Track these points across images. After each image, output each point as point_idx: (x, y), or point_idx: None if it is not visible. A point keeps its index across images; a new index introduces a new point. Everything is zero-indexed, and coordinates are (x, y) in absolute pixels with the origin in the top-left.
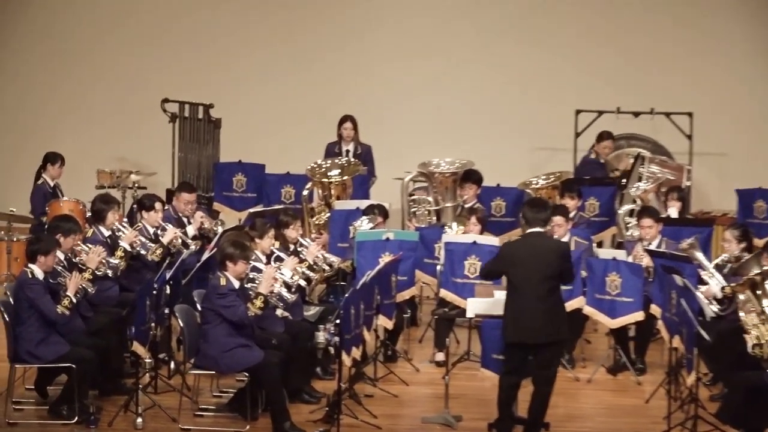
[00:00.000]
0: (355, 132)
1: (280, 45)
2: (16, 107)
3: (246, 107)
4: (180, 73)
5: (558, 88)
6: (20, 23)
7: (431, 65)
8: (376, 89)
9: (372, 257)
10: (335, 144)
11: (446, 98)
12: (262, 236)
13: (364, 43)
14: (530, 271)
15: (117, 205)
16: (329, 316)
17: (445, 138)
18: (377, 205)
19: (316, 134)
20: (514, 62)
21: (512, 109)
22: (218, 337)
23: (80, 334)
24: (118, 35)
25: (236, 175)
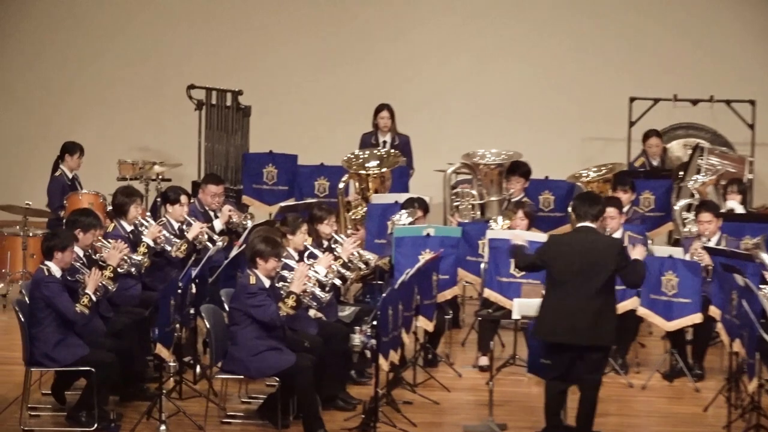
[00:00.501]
0: (392, 122)
1: (314, 29)
2: (34, 96)
3: (277, 94)
4: (207, 57)
5: (611, 75)
6: (38, 7)
7: (475, 50)
8: (416, 76)
9: (411, 254)
10: (371, 135)
11: (491, 85)
12: (294, 232)
13: (404, 28)
14: (576, 267)
15: (140, 198)
16: (365, 317)
17: (491, 128)
18: (417, 199)
19: (352, 123)
20: (564, 48)
21: (562, 96)
22: (247, 340)
23: (100, 336)
24: (140, 18)
25: (266, 167)
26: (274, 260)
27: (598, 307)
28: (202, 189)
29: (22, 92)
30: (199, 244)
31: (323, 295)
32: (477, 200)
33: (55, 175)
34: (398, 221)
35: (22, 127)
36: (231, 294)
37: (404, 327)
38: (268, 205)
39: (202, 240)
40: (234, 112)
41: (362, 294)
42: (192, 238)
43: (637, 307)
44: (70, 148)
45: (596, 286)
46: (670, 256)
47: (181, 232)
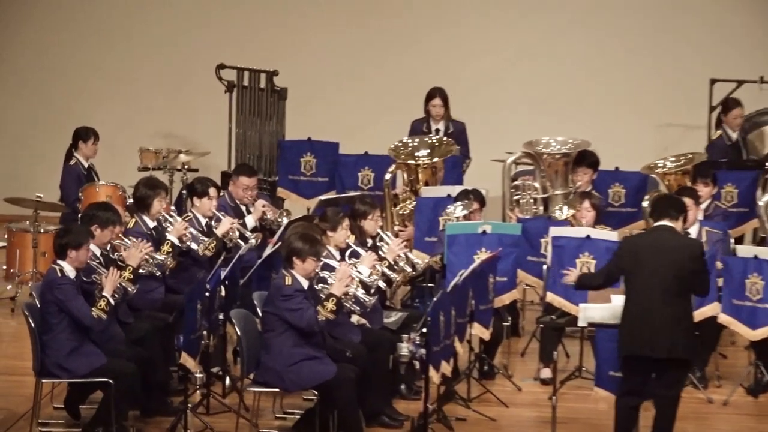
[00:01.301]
0: (445, 109)
1: (358, 3)
2: (48, 79)
3: (317, 74)
4: (239, 33)
5: (690, 54)
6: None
7: (538, 28)
8: (472, 56)
9: (465, 254)
10: (422, 122)
11: (556, 66)
12: (335, 228)
13: (457, 4)
14: (655, 271)
15: (164, 190)
16: (414, 324)
17: (555, 113)
18: (473, 190)
19: (400, 108)
20: (637, 25)
21: (635, 79)
22: (282, 348)
23: (119, 344)
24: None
25: (304, 156)
26: (312, 260)
27: (678, 314)
28: (233, 181)
29: (35, 75)
30: (230, 242)
31: (367, 298)
32: (539, 194)
33: (69, 165)
34: (452, 213)
35: (34, 113)
36: (264, 297)
37: (457, 335)
38: (306, 199)
39: (233, 237)
40: (268, 94)
41: (410, 298)
42: (221, 236)
43: (718, 313)
44: (83, 133)
45: (675, 291)
46: (756, 257)
47: (209, 229)
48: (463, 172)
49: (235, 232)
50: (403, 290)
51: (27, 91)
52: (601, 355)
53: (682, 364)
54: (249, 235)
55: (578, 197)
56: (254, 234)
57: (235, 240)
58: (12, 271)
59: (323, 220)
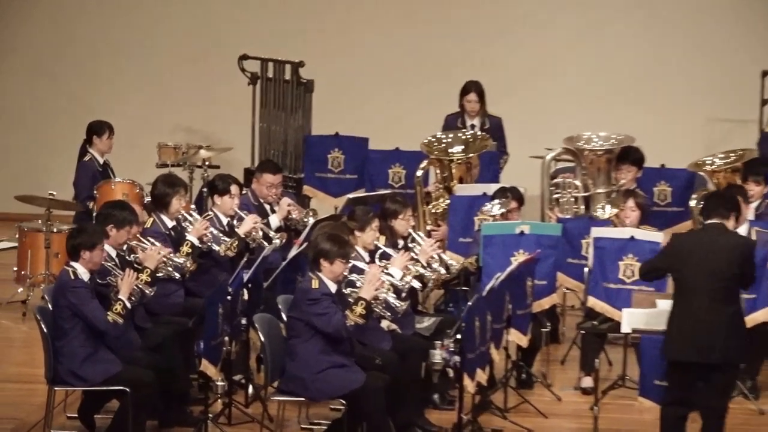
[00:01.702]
0: (481, 105)
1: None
2: (61, 71)
3: (345, 66)
4: (262, 22)
5: (740, 45)
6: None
7: (579, 17)
8: (508, 48)
9: (502, 255)
10: (456, 116)
11: (599, 58)
12: (364, 228)
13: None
14: (705, 272)
15: (183, 188)
16: (448, 330)
17: (598, 107)
18: (510, 188)
19: (433, 101)
20: (684, 16)
21: (682, 71)
22: (308, 355)
23: (136, 350)
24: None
25: (332, 152)
26: (340, 262)
27: (728, 318)
28: (257, 178)
29: (50, 67)
30: (253, 242)
31: (398, 303)
32: (581, 192)
33: (83, 161)
34: (489, 211)
35: (48, 106)
36: (289, 301)
37: (493, 341)
38: (333, 197)
39: (256, 238)
40: (294, 87)
41: (444, 302)
42: (244, 235)
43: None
44: (97, 127)
45: (726, 293)
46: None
47: (231, 229)
48: (500, 168)
49: (258, 232)
50: (436, 294)
51: (41, 83)
52: (645, 363)
53: (732, 371)
54: (273, 235)
55: (622, 196)
56: (279, 234)
57: (259, 240)
58: (23, 273)
59: (352, 220)
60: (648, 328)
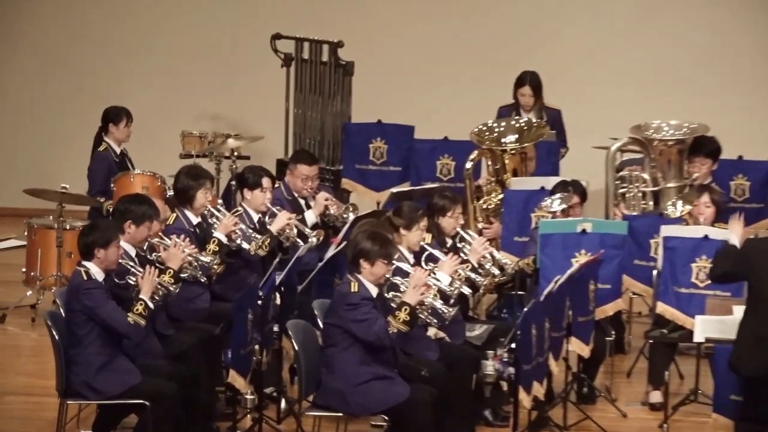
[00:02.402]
0: (536, 98)
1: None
2: (75, 53)
3: (388, 46)
4: None
5: None
6: None
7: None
8: (569, 27)
9: (562, 256)
10: (510, 109)
11: (669, 39)
12: (409, 226)
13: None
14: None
15: (209, 181)
16: (501, 338)
17: (668, 93)
18: (572, 182)
19: (485, 86)
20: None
21: (761, 54)
22: (347, 365)
23: (157, 359)
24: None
25: (374, 141)
26: (382, 263)
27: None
28: (290, 170)
29: (63, 50)
30: (286, 240)
31: (446, 308)
32: (649, 186)
33: (98, 151)
34: (547, 207)
35: (61, 93)
36: (326, 306)
37: (552, 351)
38: (375, 192)
39: (290, 236)
40: (332, 69)
41: (497, 308)
42: (277, 233)
43: None
44: (114, 114)
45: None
46: None
47: (263, 226)
48: (559, 160)
49: (292, 230)
50: (489, 299)
51: (53, 68)
52: (720, 376)
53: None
54: (309, 233)
55: (695, 191)
56: (315, 232)
57: (293, 239)
58: (33, 274)
59: (395, 217)
60: (723, 337)
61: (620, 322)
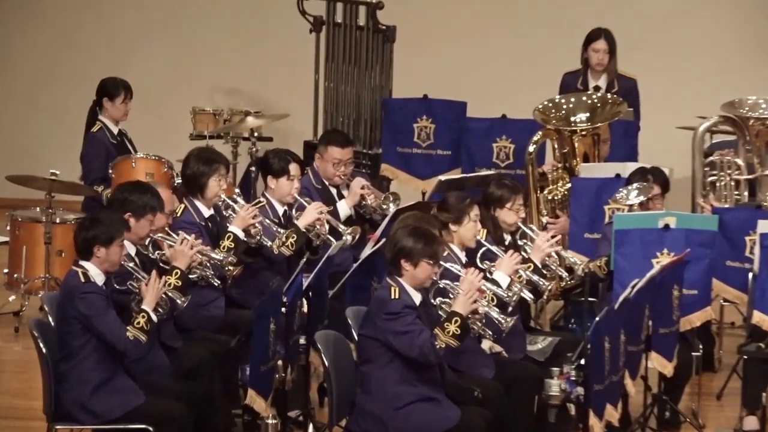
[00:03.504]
0: (610, 57)
1: None
2: (70, 18)
3: (435, 9)
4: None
5: None
6: None
7: None
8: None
9: (640, 256)
10: (577, 75)
11: None
12: (460, 220)
13: None
14: None
15: (223, 166)
16: (568, 353)
17: (764, 65)
18: (652, 169)
19: (549, 56)
20: None
21: None
22: (386, 385)
23: (163, 377)
24: None
25: (419, 120)
26: (427, 264)
27: None
28: (320, 153)
29: (55, 14)
30: (316, 238)
31: (504, 318)
32: (744, 174)
33: (92, 132)
34: (623, 199)
35: (51, 64)
36: (362, 315)
37: (628, 369)
38: (420, 179)
39: (321, 233)
40: (370, 35)
41: (564, 317)
42: (304, 228)
43: None
44: (111, 88)
45: None
46: None
47: (289, 220)
48: (637, 143)
49: (324, 225)
50: (554, 306)
51: (44, 35)
52: None
53: None
54: (342, 228)
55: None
56: (350, 229)
57: (324, 236)
58: (16, 276)
59: (443, 210)
60: None
61: (709, 335)
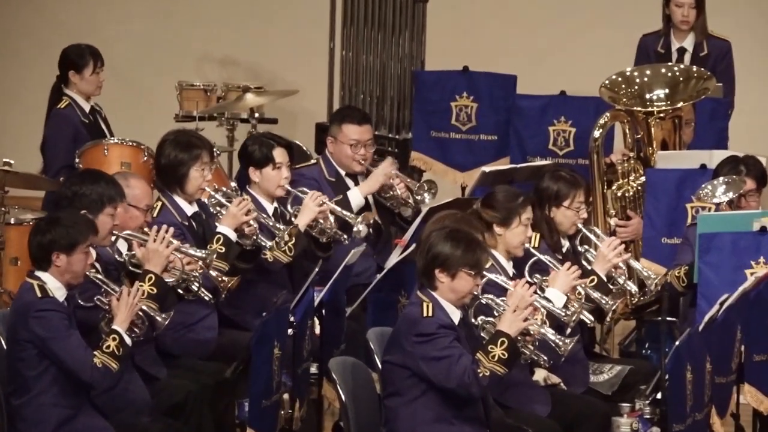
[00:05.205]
0: (699, 13)
1: None
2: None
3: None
4: None
5: None
6: None
7: None
8: None
9: (731, 266)
10: (658, 37)
11: None
12: (507, 222)
13: None
14: None
15: (207, 152)
16: (642, 386)
17: None
18: (745, 158)
19: (619, 17)
20: None
21: None
22: (418, 423)
23: (141, 414)
24: None
25: (458, 98)
26: (467, 274)
27: None
28: (333, 136)
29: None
30: (321, 235)
31: (561, 340)
32: None
33: (58, 109)
34: (709, 195)
35: (2, 32)
36: (387, 337)
37: (715, 405)
38: (459, 171)
39: (325, 228)
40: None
41: (636, 341)
42: (305, 227)
43: None
44: (76, 57)
45: None
46: None
47: (283, 220)
48: (727, 128)
49: (327, 218)
50: (624, 327)
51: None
52: None
53: None
54: (350, 217)
55: None
56: (360, 217)
57: (330, 231)
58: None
59: (488, 208)
60: None
61: None
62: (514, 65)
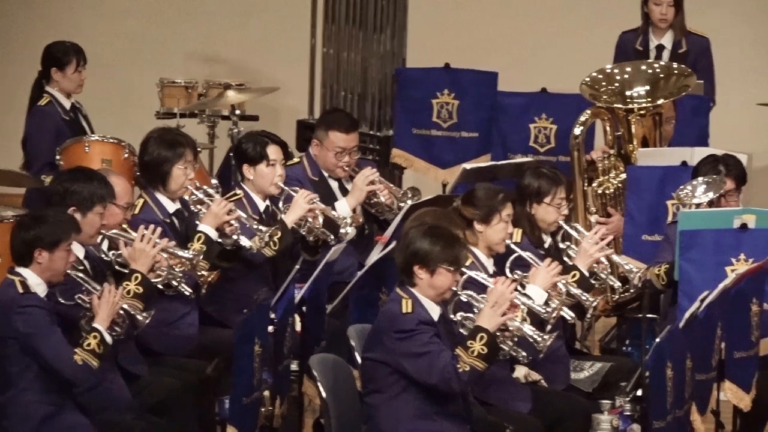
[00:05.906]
0: (676, 11)
1: None
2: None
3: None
4: None
5: None
6: None
7: None
8: None
9: (712, 263)
10: (636, 35)
11: None
12: (488, 219)
13: None
14: None
15: (191, 150)
16: (621, 382)
17: None
18: (724, 157)
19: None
20: None
21: None
22: (399, 420)
23: (123, 411)
24: None
25: (440, 95)
26: (446, 271)
27: None
28: (318, 139)
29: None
30: (309, 234)
31: (542, 337)
32: None
33: (38, 106)
34: (688, 195)
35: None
36: (367, 334)
37: (695, 402)
38: (440, 168)
39: (313, 226)
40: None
41: (617, 338)
42: (293, 225)
43: None
44: (59, 53)
45: None
46: None
47: (271, 216)
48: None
49: (316, 217)
50: (605, 324)
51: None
52: None
53: None
54: (339, 217)
55: None
56: (349, 218)
57: (318, 230)
58: None
59: (468, 205)
60: None
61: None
62: (496, 62)
